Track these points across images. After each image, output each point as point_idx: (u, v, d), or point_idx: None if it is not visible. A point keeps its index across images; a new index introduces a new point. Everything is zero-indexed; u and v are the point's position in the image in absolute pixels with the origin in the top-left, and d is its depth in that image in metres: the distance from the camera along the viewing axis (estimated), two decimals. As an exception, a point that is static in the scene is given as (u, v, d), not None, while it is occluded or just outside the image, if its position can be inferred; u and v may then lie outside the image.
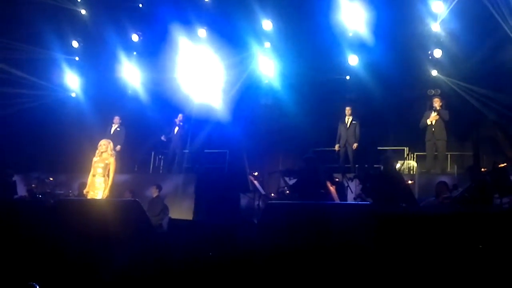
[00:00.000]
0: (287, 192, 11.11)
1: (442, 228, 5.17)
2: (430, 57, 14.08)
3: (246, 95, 15.52)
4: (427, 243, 5.11)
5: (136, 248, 5.85)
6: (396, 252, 5.15)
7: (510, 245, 5.02)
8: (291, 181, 10.33)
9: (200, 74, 16.34)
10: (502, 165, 9.56)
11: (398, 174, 9.91)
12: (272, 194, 12.07)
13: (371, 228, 5.35)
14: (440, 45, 13.95)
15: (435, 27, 13.93)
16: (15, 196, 11.65)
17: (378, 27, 14.09)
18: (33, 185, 12.97)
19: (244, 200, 12.59)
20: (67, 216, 6.26)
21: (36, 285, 5.56)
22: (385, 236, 5.28)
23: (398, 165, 11.49)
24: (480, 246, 5.00)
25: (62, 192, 12.83)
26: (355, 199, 10.33)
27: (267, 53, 15.67)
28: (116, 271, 5.66)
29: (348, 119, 13.96)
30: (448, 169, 13.08)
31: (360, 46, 14.73)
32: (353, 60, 14.99)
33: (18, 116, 15.68)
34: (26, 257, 6.00)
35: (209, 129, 15.72)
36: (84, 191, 10.30)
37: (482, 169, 8.78)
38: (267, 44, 15.65)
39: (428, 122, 12.98)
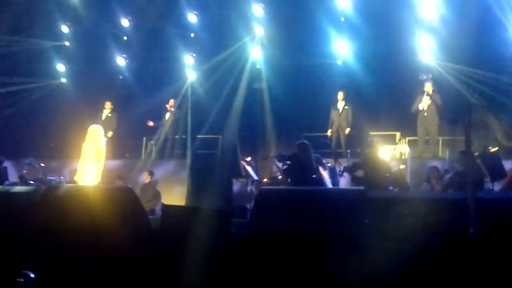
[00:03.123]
0: (280, 177, 11.13)
1: (433, 212, 5.19)
2: (421, 42, 14.06)
3: (237, 80, 15.47)
4: (419, 227, 5.13)
5: (130, 234, 5.85)
6: (389, 235, 5.17)
7: (500, 229, 5.06)
8: (284, 166, 10.34)
9: (190, 59, 16.30)
10: (494, 149, 9.61)
11: (382, 159, 9.98)
12: (265, 180, 12.08)
13: (364, 213, 5.37)
14: (431, 29, 13.92)
15: (426, 12, 13.90)
16: (6, 183, 11.57)
17: (369, 12, 14.06)
18: (24, 171, 12.91)
19: (236, 186, 12.61)
20: (59, 202, 6.23)
21: (29, 273, 5.56)
22: (377, 220, 5.30)
23: (386, 150, 11.54)
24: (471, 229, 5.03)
25: (53, 178, 12.77)
26: (342, 177, 10.41)
27: (258, 39, 15.59)
28: (109, 258, 5.66)
29: (341, 104, 13.96)
30: (440, 154, 13.13)
31: (351, 31, 14.71)
32: (344, 45, 14.95)
33: (9, 103, 15.56)
34: (18, 244, 5.98)
35: (201, 114, 15.69)
36: (75, 178, 10.26)
37: (474, 154, 8.80)
38: (258, 30, 15.57)
39: (420, 107, 12.99)
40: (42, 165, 13.24)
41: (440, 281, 5.02)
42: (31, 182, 11.72)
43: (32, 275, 5.58)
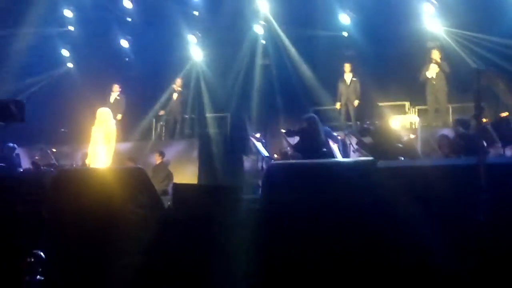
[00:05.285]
0: (290, 152, 11.12)
1: (445, 180, 5.18)
2: (427, 9, 13.87)
3: (244, 57, 15.40)
4: (430, 195, 5.12)
5: (142, 214, 5.89)
6: (399, 205, 5.17)
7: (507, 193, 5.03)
8: (294, 141, 10.32)
9: (195, 38, 16.22)
10: (504, 114, 9.54)
11: (393, 129, 9.94)
12: (275, 155, 12.07)
13: (375, 183, 5.36)
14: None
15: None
16: (19, 169, 11.68)
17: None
18: (36, 157, 12.98)
19: (247, 163, 12.63)
20: (71, 185, 6.28)
21: (39, 252, 5.64)
22: (388, 190, 5.29)
23: (397, 120, 11.49)
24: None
25: (66, 163, 12.85)
26: (353, 152, 10.35)
27: (263, 13, 15.46)
28: (121, 238, 5.71)
29: (348, 76, 13.86)
30: (450, 122, 13.03)
31: (356, 2, 14.54)
32: (350, 16, 14.80)
33: (19, 90, 15.59)
34: (31, 226, 6.05)
35: (209, 93, 15.68)
36: (86, 161, 10.31)
37: (484, 120, 8.74)
38: (262, 5, 15.42)
39: (428, 75, 12.87)
40: (54, 150, 13.30)
41: (453, 250, 5.02)
42: (44, 167, 11.80)
43: (42, 255, 5.65)
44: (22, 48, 15.25)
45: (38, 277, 5.70)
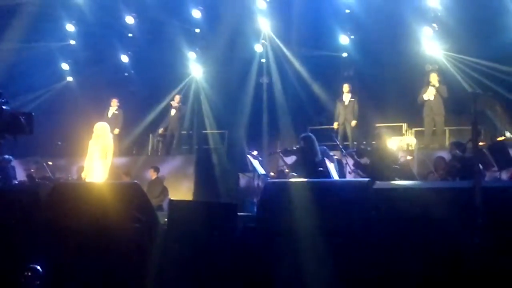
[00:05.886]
0: (287, 171, 11.13)
1: (440, 202, 5.17)
2: (426, 32, 14.00)
3: (243, 75, 15.48)
4: (426, 217, 5.11)
5: (137, 229, 5.87)
6: (396, 225, 5.16)
7: (509, 219, 5.03)
8: (290, 161, 10.34)
9: (195, 55, 16.30)
10: (501, 138, 9.58)
11: (390, 150, 9.97)
12: (272, 174, 12.08)
13: (371, 204, 5.36)
14: (436, 19, 13.85)
15: (431, 1, 13.84)
16: (14, 181, 11.65)
17: (373, 3, 14.01)
18: (32, 170, 12.98)
19: (243, 180, 12.63)
20: (66, 198, 6.26)
21: (37, 267, 5.61)
22: (385, 211, 5.28)
23: (394, 142, 11.53)
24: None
25: (61, 176, 12.84)
26: (349, 173, 10.37)
27: (263, 32, 15.58)
28: (116, 253, 5.68)
29: (346, 97, 13.92)
30: (447, 144, 13.07)
31: (356, 23, 14.66)
32: (349, 37, 14.91)
33: (16, 103, 15.58)
34: (27, 240, 6.02)
35: (207, 110, 15.73)
36: (82, 175, 10.30)
37: (481, 143, 8.78)
38: (263, 24, 15.55)
39: (426, 97, 12.95)
40: (50, 163, 13.31)
41: (448, 273, 5.00)
42: (39, 180, 11.78)
43: (40, 269, 5.63)
44: (23, 62, 15.30)
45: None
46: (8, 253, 5.87)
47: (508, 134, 11.36)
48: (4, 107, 6.41)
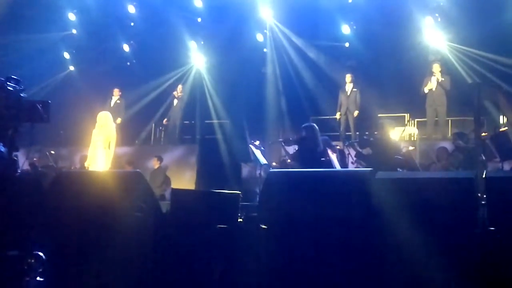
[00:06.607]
0: (289, 161, 11.14)
1: (443, 192, 5.18)
2: (429, 22, 13.95)
3: (245, 65, 15.45)
4: (428, 207, 5.13)
5: (139, 218, 5.89)
6: (397, 216, 5.17)
7: (510, 209, 5.04)
8: (292, 150, 10.34)
9: (197, 44, 16.27)
10: (503, 129, 9.57)
11: (393, 140, 9.99)
12: (274, 164, 12.10)
13: (373, 193, 5.36)
14: (439, 9, 13.80)
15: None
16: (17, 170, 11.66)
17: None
18: (34, 159, 12.99)
19: (245, 170, 12.63)
20: (69, 187, 6.28)
21: (40, 253, 5.66)
22: (386, 201, 5.29)
23: (396, 132, 11.55)
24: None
25: (64, 165, 12.86)
26: (352, 163, 10.38)
27: (266, 22, 15.54)
28: (118, 242, 5.71)
29: (349, 87, 13.90)
30: (449, 135, 13.09)
31: (358, 13, 14.60)
32: (352, 27, 14.87)
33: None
34: (30, 228, 6.05)
35: (209, 99, 15.72)
36: (85, 164, 10.33)
37: (483, 134, 8.77)
38: (265, 13, 15.49)
39: (428, 88, 12.92)
40: (52, 152, 13.32)
41: (450, 263, 5.02)
42: (41, 169, 11.81)
43: (42, 256, 5.68)
44: (25, 52, 15.29)
45: (38, 278, 5.73)
46: (11, 241, 5.90)
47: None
48: (22, 94, 6.37)
